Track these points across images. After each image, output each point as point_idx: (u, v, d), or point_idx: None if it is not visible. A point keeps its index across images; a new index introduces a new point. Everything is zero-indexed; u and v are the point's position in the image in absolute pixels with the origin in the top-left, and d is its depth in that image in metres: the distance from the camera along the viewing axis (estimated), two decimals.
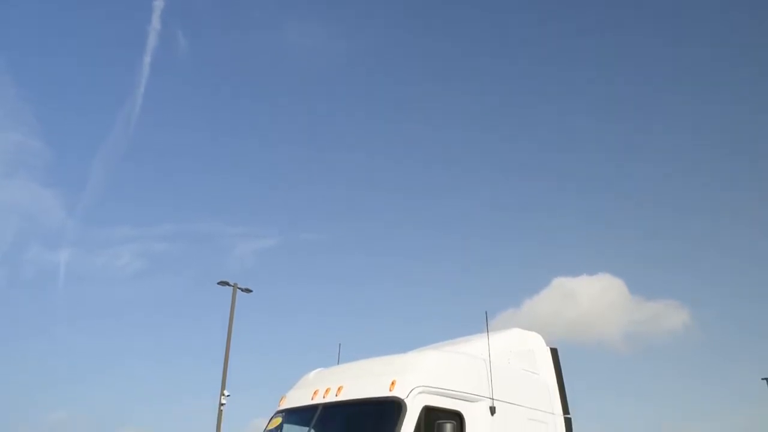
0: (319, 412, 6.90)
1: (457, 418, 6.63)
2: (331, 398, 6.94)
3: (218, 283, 30.20)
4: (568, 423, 8.46)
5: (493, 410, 7.03)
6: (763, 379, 46.20)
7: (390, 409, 6.30)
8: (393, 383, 6.46)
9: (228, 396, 27.94)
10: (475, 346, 7.91)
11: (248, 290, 30.83)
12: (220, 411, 27.83)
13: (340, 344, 8.83)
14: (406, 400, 6.30)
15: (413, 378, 6.52)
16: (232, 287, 30.30)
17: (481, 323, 7.90)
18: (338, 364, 8.22)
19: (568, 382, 8.79)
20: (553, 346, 8.95)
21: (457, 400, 6.78)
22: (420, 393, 6.42)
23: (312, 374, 7.96)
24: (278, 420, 7.42)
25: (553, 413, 8.25)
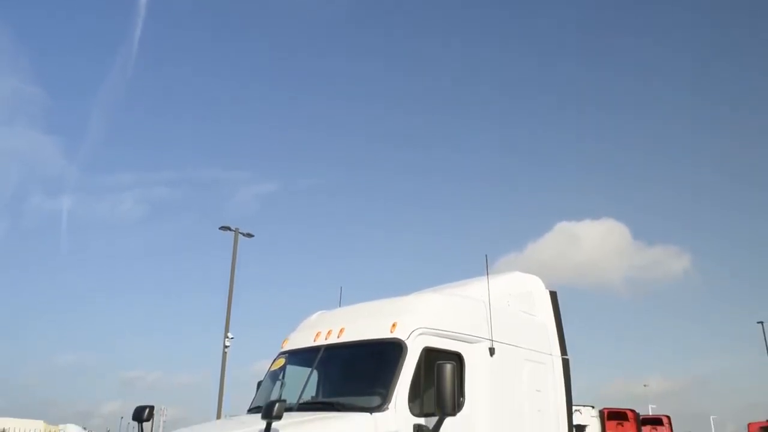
0: (321, 353, 7.02)
1: (457, 358, 6.75)
2: (332, 340, 7.05)
3: (220, 228, 30.42)
4: (565, 364, 8.63)
5: (492, 351, 7.16)
6: (758, 322, 47.15)
7: (391, 350, 6.42)
8: (394, 325, 6.56)
9: (232, 338, 28.47)
10: (474, 288, 7.99)
11: (250, 235, 31.04)
12: (224, 353, 28.40)
13: (341, 287, 8.94)
14: (406, 342, 6.40)
15: (414, 320, 6.62)
16: (233, 232, 30.48)
17: (483, 267, 7.98)
18: (340, 306, 8.33)
19: (568, 324, 8.94)
20: (552, 289, 9.06)
21: (456, 342, 6.90)
22: (420, 334, 6.52)
23: (314, 316, 8.07)
24: (281, 361, 7.56)
25: (551, 354, 8.40)
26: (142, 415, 6.41)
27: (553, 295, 9.00)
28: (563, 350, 8.68)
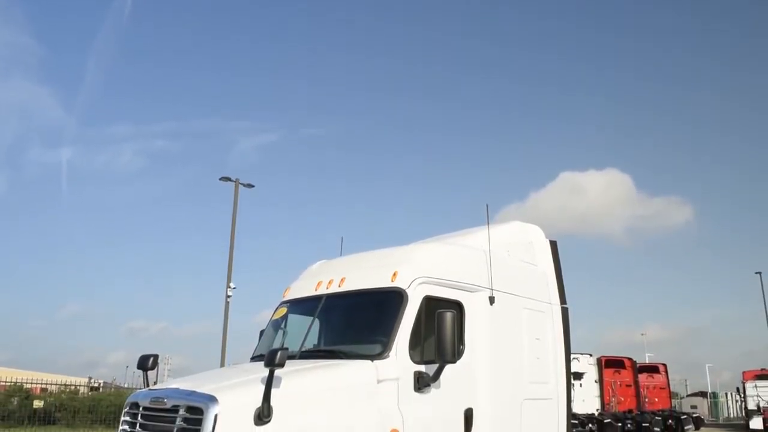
0: (322, 302, 7.08)
1: (457, 307, 6.81)
2: (334, 289, 7.10)
3: (220, 179, 30.35)
4: (564, 312, 8.72)
5: (492, 300, 7.22)
6: (756, 272, 47.51)
7: (391, 299, 6.47)
8: (395, 274, 6.59)
9: (234, 288, 28.74)
10: (475, 238, 8.01)
11: (250, 185, 30.99)
12: (227, 303, 28.71)
13: (342, 237, 8.96)
14: (407, 290, 6.45)
15: (414, 269, 6.65)
16: (234, 183, 30.42)
17: (484, 217, 7.98)
18: (341, 256, 8.37)
19: (568, 273, 9.00)
20: (552, 239, 9.08)
21: (457, 290, 6.95)
22: (421, 283, 6.56)
23: (315, 266, 8.10)
24: (283, 310, 7.63)
25: (550, 303, 8.48)
26: (146, 363, 6.50)
27: (553, 245, 9.03)
28: (562, 299, 8.75)
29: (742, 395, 37.77)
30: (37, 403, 25.55)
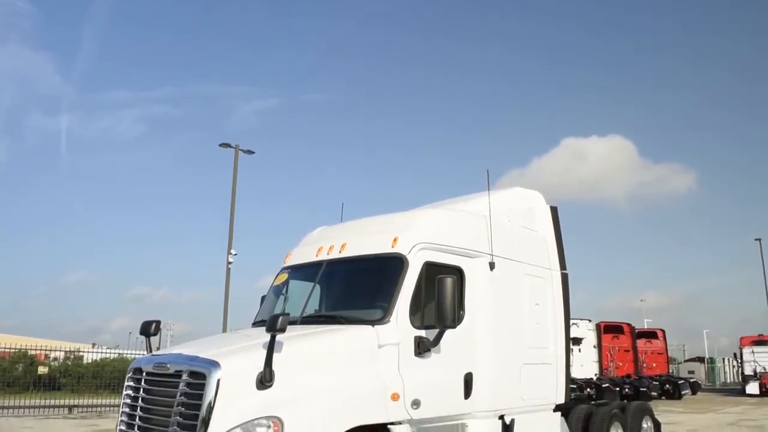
0: (323, 268, 7.08)
1: (457, 273, 6.83)
2: (334, 255, 7.10)
3: (220, 145, 30.15)
4: (564, 278, 8.75)
5: (492, 266, 7.24)
6: (755, 239, 47.64)
7: (392, 264, 6.47)
8: (395, 240, 6.59)
9: (235, 255, 28.80)
10: (475, 204, 8.00)
11: (250, 152, 30.83)
12: (228, 269, 28.80)
13: (343, 203, 8.94)
14: (407, 256, 6.45)
15: (415, 235, 6.65)
16: (234, 149, 30.27)
17: (485, 183, 7.94)
18: (341, 222, 8.36)
19: (569, 240, 9.01)
20: (553, 205, 9.07)
21: (457, 256, 6.96)
22: (421, 249, 6.56)
23: (316, 232, 8.10)
24: (284, 276, 7.64)
25: (550, 269, 8.50)
26: (149, 329, 6.54)
27: (554, 211, 9.01)
28: (563, 265, 8.77)
29: (739, 361, 38.21)
30: (42, 370, 25.86)
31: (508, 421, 7.21)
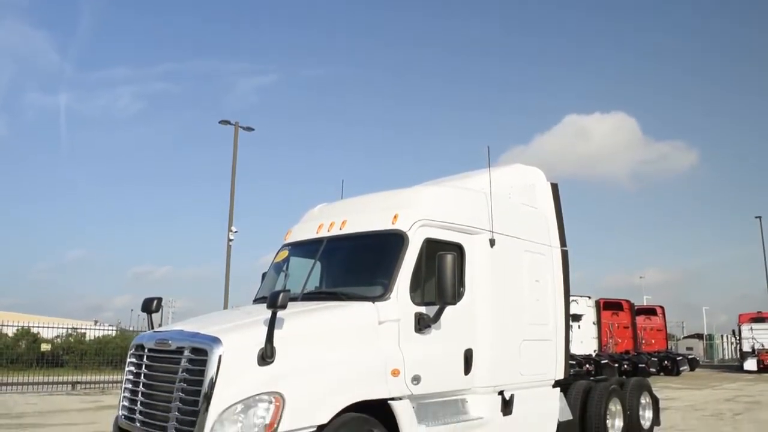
0: (323, 245, 7.09)
1: (458, 249, 6.83)
2: (335, 232, 7.10)
3: (219, 122, 30.07)
4: (564, 255, 8.76)
5: (492, 242, 7.24)
6: (756, 217, 47.67)
7: (392, 241, 6.47)
8: (395, 217, 6.58)
9: (236, 232, 28.86)
10: (476, 180, 7.98)
11: (250, 128, 30.75)
12: (229, 246, 28.87)
13: (343, 180, 8.93)
14: (408, 233, 6.45)
15: (415, 211, 6.64)
16: (233, 126, 30.18)
17: (486, 160, 7.91)
18: (342, 199, 8.35)
19: (570, 217, 9.01)
20: (554, 182, 9.06)
21: (457, 233, 6.96)
22: (422, 226, 6.56)
23: (316, 209, 8.09)
24: (285, 253, 7.65)
25: (550, 246, 8.51)
26: (150, 306, 6.56)
27: (554, 187, 9.00)
28: (563, 242, 8.79)
29: (738, 337, 38.40)
30: (44, 347, 26.03)
31: (507, 396, 7.27)
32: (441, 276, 6.11)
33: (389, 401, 5.82)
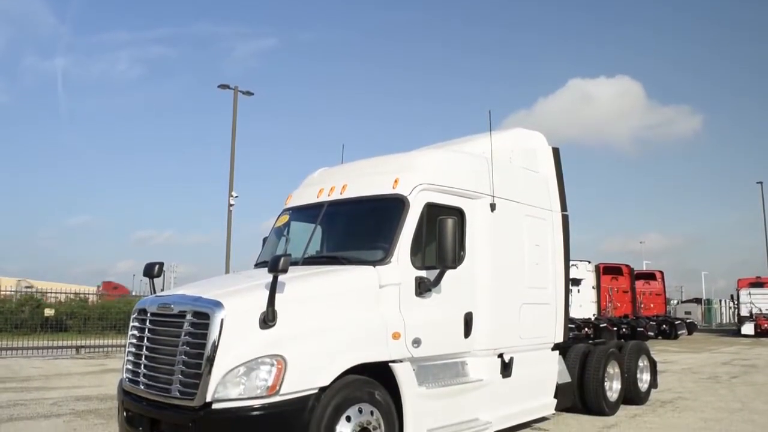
0: (324, 209, 7.09)
1: (458, 214, 6.84)
2: (335, 196, 7.10)
3: (218, 87, 29.84)
4: (565, 219, 8.78)
5: (493, 207, 7.24)
6: (757, 182, 47.56)
7: (393, 206, 6.47)
8: (396, 181, 6.57)
9: (236, 197, 28.86)
10: (477, 145, 7.95)
11: (249, 93, 30.54)
12: (230, 211, 28.92)
13: (343, 144, 8.89)
14: (408, 197, 6.44)
15: (416, 176, 6.62)
16: (233, 90, 29.97)
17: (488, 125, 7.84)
18: (342, 163, 8.32)
19: (573, 181, 9.00)
20: (555, 146, 9.02)
21: (458, 197, 6.95)
22: (422, 190, 6.55)
23: (317, 173, 8.08)
24: (285, 218, 7.66)
25: (551, 210, 8.51)
26: (152, 271, 6.58)
27: (556, 152, 8.97)
28: (563, 206, 8.79)
29: (736, 302, 38.64)
30: (48, 312, 26.20)
31: (507, 359, 7.34)
32: (441, 240, 6.12)
33: (390, 364, 5.89)
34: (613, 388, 9.70)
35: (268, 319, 5.29)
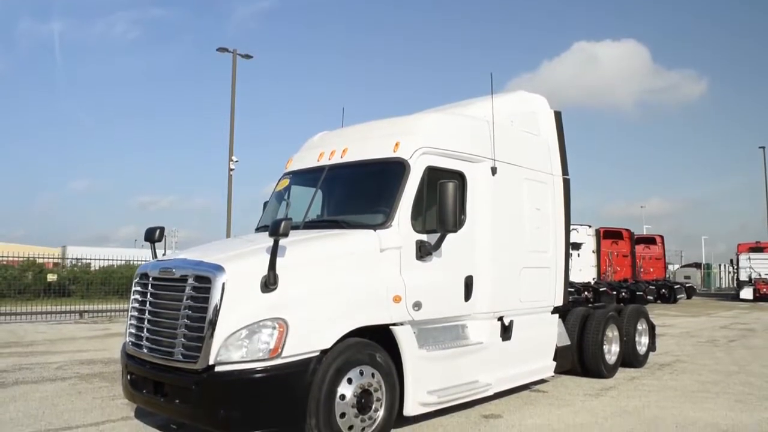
0: (325, 173, 7.07)
1: (459, 177, 6.82)
2: (336, 160, 7.07)
3: (217, 50, 29.52)
4: (566, 183, 8.75)
5: (494, 170, 7.21)
6: (760, 147, 47.32)
7: (394, 169, 6.44)
8: (397, 144, 6.53)
9: (237, 162, 28.80)
10: (478, 108, 7.87)
11: (248, 56, 30.24)
12: (230, 175, 28.88)
13: (343, 107, 8.82)
14: (409, 161, 6.41)
15: (416, 139, 6.57)
16: (231, 53, 29.66)
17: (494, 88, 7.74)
18: (342, 127, 8.27)
19: (575, 145, 8.95)
20: (557, 110, 8.95)
21: (459, 161, 6.92)
22: (423, 154, 6.51)
23: (317, 137, 8.03)
24: (286, 182, 7.63)
25: (552, 174, 8.49)
26: (153, 235, 6.58)
27: (558, 115, 8.90)
28: (564, 170, 8.76)
29: (735, 267, 38.81)
30: (51, 277, 26.36)
31: (506, 322, 7.40)
32: (442, 204, 6.11)
33: (391, 327, 5.93)
34: (612, 351, 9.80)
35: (269, 283, 5.31)
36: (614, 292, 25.98)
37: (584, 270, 27.92)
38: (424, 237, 6.32)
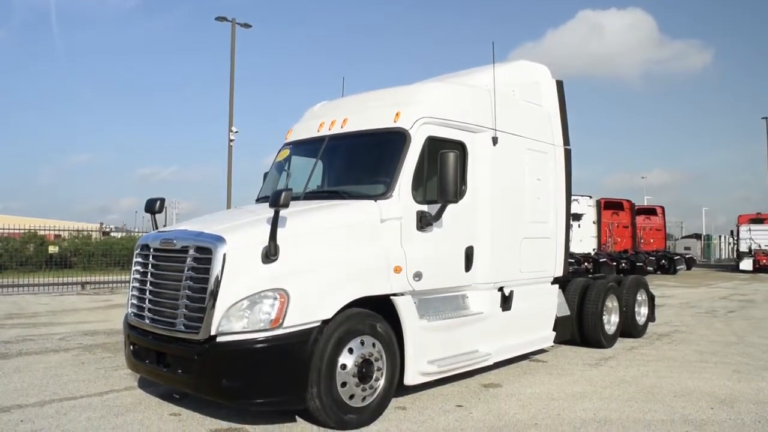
0: (325, 143, 7.03)
1: (460, 147, 6.78)
2: (336, 130, 7.02)
3: (216, 19, 29.22)
4: (567, 153, 8.71)
5: (495, 140, 7.17)
6: (762, 118, 47.04)
7: (394, 139, 6.41)
8: (397, 114, 6.48)
9: (236, 132, 28.69)
10: (479, 77, 7.80)
11: (247, 25, 29.95)
12: (230, 146, 28.79)
13: (344, 77, 8.75)
14: (410, 131, 6.37)
15: (417, 109, 6.52)
16: (230, 23, 29.38)
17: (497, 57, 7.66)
18: (343, 97, 8.20)
19: (577, 115, 8.90)
20: (559, 79, 8.87)
21: (460, 131, 6.88)
22: (424, 124, 6.47)
23: (317, 107, 7.97)
24: (286, 152, 7.60)
25: (553, 144, 8.44)
26: (153, 207, 6.58)
27: (560, 85, 8.83)
28: (566, 141, 8.71)
29: (735, 238, 38.84)
30: (52, 249, 26.43)
31: (507, 292, 7.42)
32: (443, 174, 6.08)
33: (391, 297, 5.95)
34: (611, 321, 9.85)
35: (270, 254, 5.31)
36: (614, 263, 26.07)
37: (584, 241, 27.99)
38: (424, 207, 6.31)
